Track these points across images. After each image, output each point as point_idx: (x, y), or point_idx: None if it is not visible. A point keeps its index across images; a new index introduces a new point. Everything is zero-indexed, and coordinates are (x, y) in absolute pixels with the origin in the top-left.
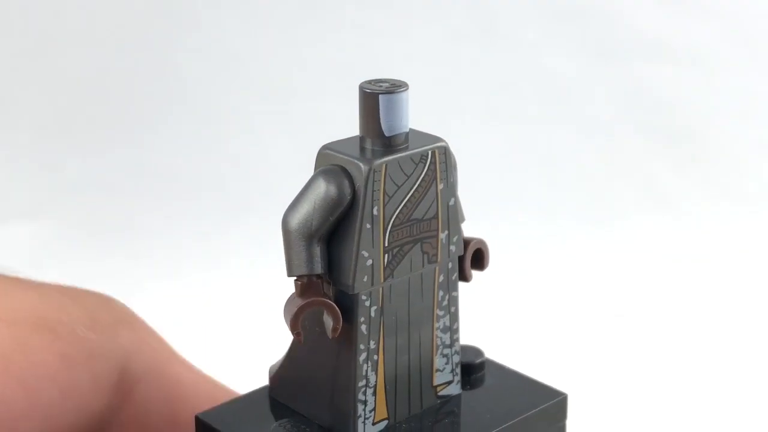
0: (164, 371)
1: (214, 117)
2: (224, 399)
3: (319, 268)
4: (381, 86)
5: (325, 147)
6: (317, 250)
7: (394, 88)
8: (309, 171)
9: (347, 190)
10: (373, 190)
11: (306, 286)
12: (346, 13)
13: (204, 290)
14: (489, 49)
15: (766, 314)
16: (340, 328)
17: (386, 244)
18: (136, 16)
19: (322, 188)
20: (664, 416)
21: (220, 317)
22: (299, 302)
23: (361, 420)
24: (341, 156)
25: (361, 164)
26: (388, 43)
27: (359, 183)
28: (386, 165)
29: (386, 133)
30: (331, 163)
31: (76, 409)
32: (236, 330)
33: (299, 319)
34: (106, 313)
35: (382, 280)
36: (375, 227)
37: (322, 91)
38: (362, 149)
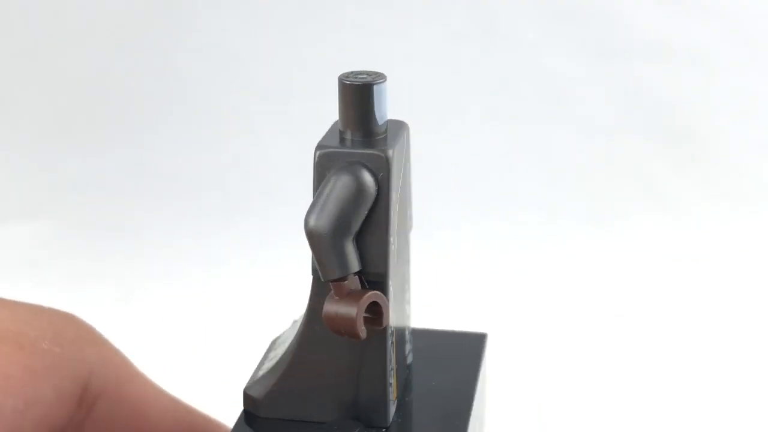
0: (126, 388)
1: (214, 117)
2: (187, 419)
3: (357, 265)
4: (362, 78)
5: (322, 147)
6: (353, 247)
7: (378, 78)
8: (309, 171)
9: (374, 182)
10: (392, 177)
11: (348, 285)
12: (346, 13)
13: (204, 290)
14: (489, 49)
15: (766, 314)
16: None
17: (396, 227)
18: (136, 17)
19: (353, 185)
20: (664, 415)
21: (220, 317)
22: (356, 302)
23: (391, 403)
24: (355, 151)
25: (382, 154)
26: (388, 43)
27: (383, 172)
28: (395, 151)
29: (379, 122)
30: (345, 160)
31: (38, 421)
32: (236, 330)
33: (361, 317)
34: (71, 330)
35: (396, 262)
36: (394, 212)
37: (322, 91)
38: (351, 141)
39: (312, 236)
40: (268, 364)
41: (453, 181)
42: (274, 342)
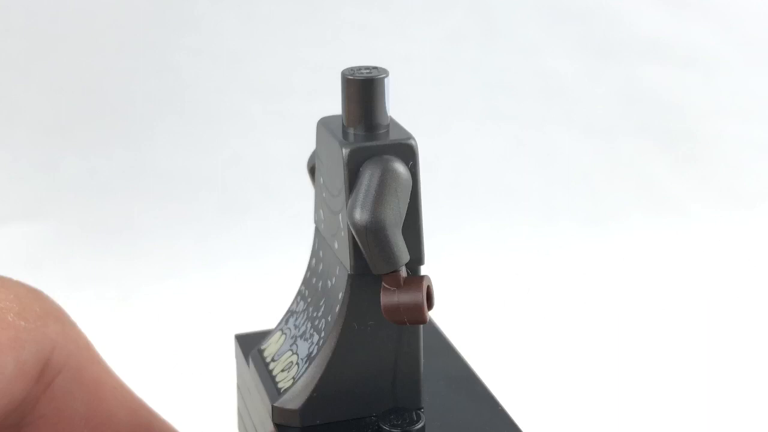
0: (86, 370)
1: (213, 117)
2: (140, 411)
3: (408, 254)
4: (366, 73)
5: (348, 144)
6: (402, 237)
7: (382, 72)
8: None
9: (407, 171)
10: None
11: (401, 273)
12: (345, 13)
13: (204, 290)
14: (489, 49)
15: (766, 314)
16: None
17: None
18: (136, 16)
19: (399, 176)
20: (665, 415)
21: (221, 317)
22: (418, 288)
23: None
24: (384, 143)
25: (410, 143)
26: (388, 43)
27: (412, 161)
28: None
29: (385, 115)
30: (374, 153)
31: None
32: (236, 330)
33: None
34: (37, 305)
35: None
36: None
37: (322, 91)
38: (354, 136)
39: (368, 231)
40: (289, 374)
41: (453, 181)
42: (261, 357)
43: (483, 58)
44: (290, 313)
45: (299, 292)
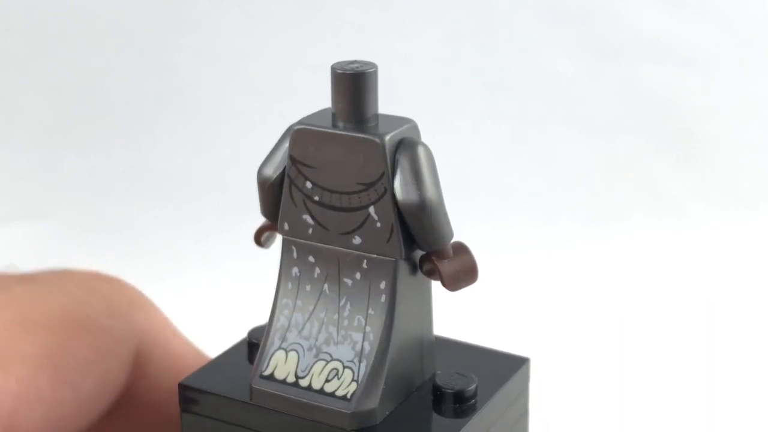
0: (170, 346)
1: (213, 117)
2: None
3: None
4: (358, 67)
5: (381, 135)
6: None
7: (371, 66)
8: None
9: None
10: None
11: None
12: (345, 13)
13: (204, 290)
14: (489, 49)
15: (766, 314)
16: None
17: None
18: (136, 16)
19: (432, 156)
20: (664, 418)
21: (221, 317)
22: (467, 252)
23: None
24: (405, 128)
25: (415, 124)
26: (388, 43)
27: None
28: None
29: (376, 109)
30: (404, 136)
31: (108, 393)
32: (236, 331)
33: None
34: (122, 298)
35: None
36: None
37: (322, 91)
38: (344, 127)
39: (428, 209)
40: (342, 380)
41: (453, 181)
42: (278, 380)
43: (483, 58)
44: (283, 329)
45: (284, 306)
